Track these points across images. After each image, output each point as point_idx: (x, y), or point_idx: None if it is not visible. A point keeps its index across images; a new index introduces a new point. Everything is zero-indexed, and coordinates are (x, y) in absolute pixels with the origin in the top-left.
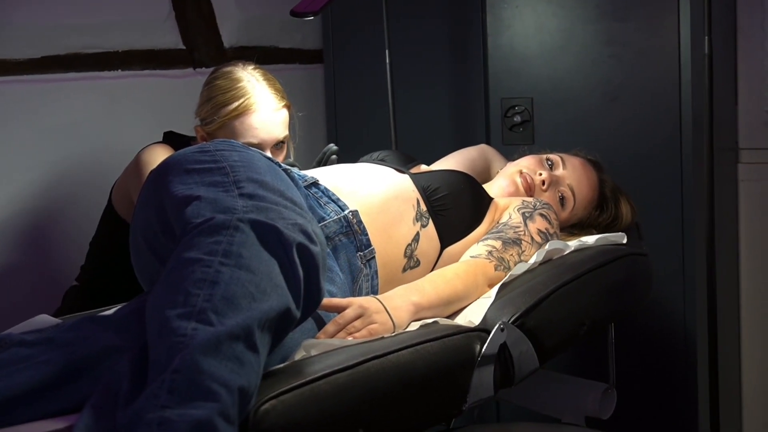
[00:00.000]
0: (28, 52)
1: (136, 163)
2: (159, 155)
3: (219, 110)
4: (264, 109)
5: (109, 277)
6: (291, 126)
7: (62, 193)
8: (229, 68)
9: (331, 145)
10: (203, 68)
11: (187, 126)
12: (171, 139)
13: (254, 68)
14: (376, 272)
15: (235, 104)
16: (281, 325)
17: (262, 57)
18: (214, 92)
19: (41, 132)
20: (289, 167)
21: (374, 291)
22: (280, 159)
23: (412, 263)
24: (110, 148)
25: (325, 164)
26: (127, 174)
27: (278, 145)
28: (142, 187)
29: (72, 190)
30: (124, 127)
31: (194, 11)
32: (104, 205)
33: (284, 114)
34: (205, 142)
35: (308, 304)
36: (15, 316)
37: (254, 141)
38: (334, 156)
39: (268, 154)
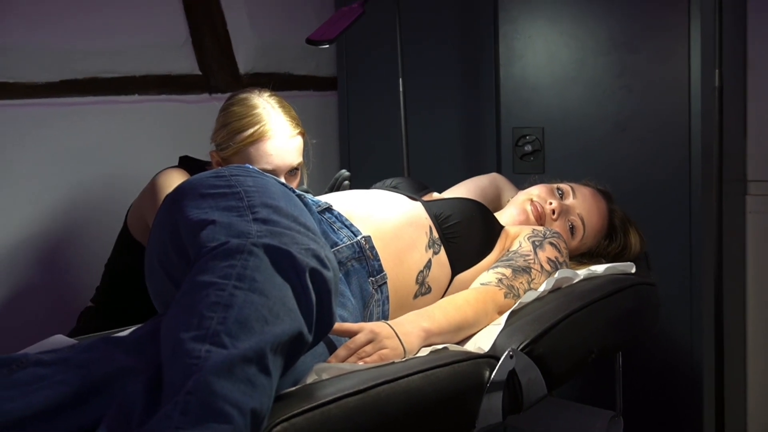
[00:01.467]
0: (46, 75)
1: (152, 187)
2: (174, 179)
3: (234, 136)
4: (279, 136)
5: (124, 299)
6: (305, 153)
7: (78, 216)
8: (245, 95)
9: (344, 171)
10: (219, 94)
11: (202, 151)
12: (186, 163)
13: (270, 95)
14: (387, 298)
15: (251, 131)
16: (293, 349)
17: (277, 84)
18: (230, 118)
19: (58, 155)
20: (303, 193)
21: (385, 316)
22: (293, 185)
23: (423, 290)
24: (126, 171)
25: (337, 189)
26: (142, 197)
27: (292, 172)
28: (157, 210)
29: (88, 213)
30: (140, 150)
31: (211, 37)
32: (119, 227)
33: (299, 141)
34: (220, 167)
35: (320, 329)
36: (31, 336)
37: (269, 167)
38: (346, 182)
39: (282, 180)
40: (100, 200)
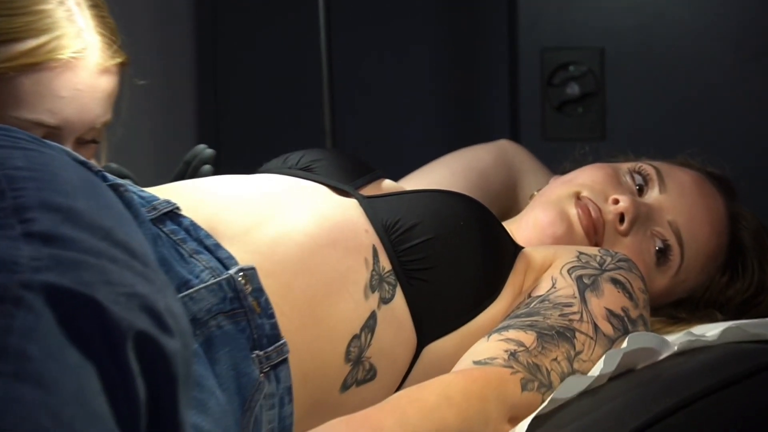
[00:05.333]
0: None
1: None
2: None
3: None
4: (83, 63)
5: None
6: (117, 103)
7: None
8: None
9: (202, 146)
10: None
11: None
12: None
13: None
14: (288, 390)
15: (31, 43)
16: None
17: None
18: None
19: None
20: (123, 182)
21: (284, 428)
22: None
23: (360, 374)
24: None
25: (191, 178)
26: None
27: (88, 135)
28: None
29: None
30: None
31: None
32: None
33: (114, 79)
34: None
35: None
36: None
37: (51, 121)
38: (207, 165)
39: (70, 149)
40: None
